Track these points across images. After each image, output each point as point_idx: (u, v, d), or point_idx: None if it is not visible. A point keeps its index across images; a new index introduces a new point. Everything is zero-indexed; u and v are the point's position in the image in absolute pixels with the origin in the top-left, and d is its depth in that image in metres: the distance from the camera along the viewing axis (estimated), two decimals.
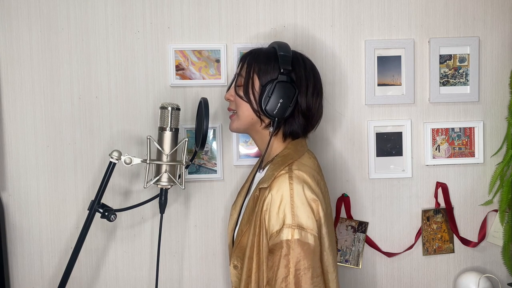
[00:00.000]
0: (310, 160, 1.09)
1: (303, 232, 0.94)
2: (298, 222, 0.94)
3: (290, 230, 0.94)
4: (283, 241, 0.94)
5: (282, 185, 0.97)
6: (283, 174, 1.00)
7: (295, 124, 1.08)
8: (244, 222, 1.06)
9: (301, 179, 0.99)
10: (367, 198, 1.46)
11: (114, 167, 1.18)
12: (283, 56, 1.06)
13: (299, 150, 1.08)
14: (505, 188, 1.44)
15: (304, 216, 0.95)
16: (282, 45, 1.10)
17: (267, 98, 1.04)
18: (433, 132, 1.44)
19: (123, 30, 1.39)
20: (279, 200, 0.96)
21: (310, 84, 1.08)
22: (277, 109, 1.04)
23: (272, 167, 1.04)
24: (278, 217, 0.95)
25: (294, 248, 0.93)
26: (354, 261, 1.45)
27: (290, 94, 1.04)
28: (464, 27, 1.44)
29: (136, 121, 1.40)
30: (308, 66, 1.10)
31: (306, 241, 0.94)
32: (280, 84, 1.04)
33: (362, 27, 1.43)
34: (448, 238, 1.47)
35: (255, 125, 1.10)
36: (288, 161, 1.03)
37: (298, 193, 0.97)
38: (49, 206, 1.40)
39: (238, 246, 1.06)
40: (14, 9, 1.36)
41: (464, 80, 1.45)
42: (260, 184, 1.03)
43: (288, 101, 1.04)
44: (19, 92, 1.38)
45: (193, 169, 1.42)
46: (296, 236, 0.93)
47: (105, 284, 1.43)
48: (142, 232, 1.43)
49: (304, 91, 1.07)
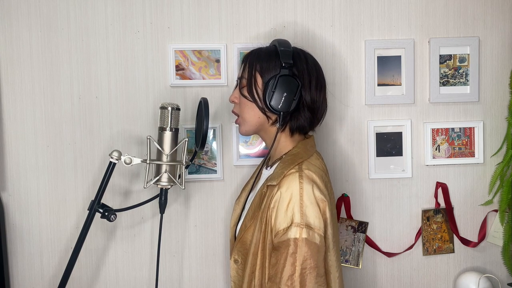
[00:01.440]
0: (318, 161, 1.09)
1: (310, 231, 0.95)
2: (306, 221, 0.95)
3: (299, 229, 0.94)
4: (290, 239, 0.94)
5: (292, 184, 0.98)
6: (293, 173, 1.00)
7: (301, 118, 1.08)
8: (249, 218, 1.06)
9: (310, 179, 1.00)
10: (367, 198, 1.46)
11: (114, 167, 1.18)
12: (284, 51, 1.06)
13: (308, 150, 1.09)
14: (505, 188, 1.44)
15: (312, 216, 0.96)
16: (282, 42, 1.11)
17: (271, 93, 1.04)
18: (433, 132, 1.44)
19: (123, 30, 1.39)
20: (288, 199, 0.97)
21: (313, 77, 1.08)
22: (281, 103, 1.04)
23: (281, 165, 1.05)
24: (287, 215, 0.96)
25: (302, 247, 0.94)
26: (354, 261, 1.45)
27: (293, 87, 1.04)
28: (464, 27, 1.44)
29: (136, 121, 1.40)
30: (309, 60, 1.11)
31: (313, 241, 0.95)
32: (283, 78, 1.04)
33: (362, 27, 1.43)
34: (448, 238, 1.47)
35: (263, 124, 1.10)
36: (298, 160, 1.04)
37: (307, 193, 0.97)
38: (49, 206, 1.40)
39: (241, 241, 1.07)
40: (14, 9, 1.36)
41: (464, 80, 1.45)
42: (268, 181, 1.03)
43: (292, 94, 1.04)
44: (19, 92, 1.38)
45: (193, 169, 1.42)
46: (304, 235, 0.94)
47: (105, 284, 1.43)
48: (142, 232, 1.43)
49: (308, 85, 1.07)
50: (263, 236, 1.00)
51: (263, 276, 0.99)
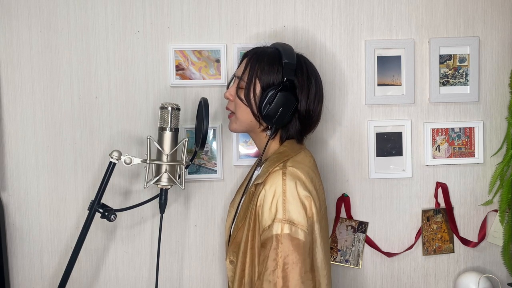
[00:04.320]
0: (306, 158, 1.10)
1: (293, 227, 0.96)
2: (289, 217, 0.96)
3: (281, 224, 0.95)
4: (273, 235, 0.95)
5: (275, 181, 0.99)
6: (277, 170, 1.01)
7: (292, 129, 1.10)
8: (240, 218, 1.07)
9: (294, 176, 1.00)
10: (367, 198, 1.46)
11: (114, 167, 1.18)
12: (288, 64, 1.05)
13: (295, 148, 1.10)
14: (505, 188, 1.44)
15: (295, 212, 0.97)
16: (287, 50, 1.09)
17: (268, 105, 1.05)
18: (433, 132, 1.44)
19: (123, 30, 1.39)
20: (272, 195, 0.98)
21: (311, 91, 1.09)
22: (276, 117, 1.05)
23: (267, 163, 1.06)
24: (271, 212, 0.97)
25: (283, 242, 0.94)
26: (354, 261, 1.45)
27: (290, 104, 1.05)
28: (464, 27, 1.44)
29: (136, 121, 1.40)
30: (310, 72, 1.11)
31: (296, 236, 0.95)
32: (282, 94, 1.04)
33: (362, 27, 1.43)
34: (448, 238, 1.47)
35: (254, 127, 1.12)
36: (283, 158, 1.05)
37: (290, 189, 0.98)
38: (49, 206, 1.40)
39: (234, 241, 1.08)
40: (14, 9, 1.36)
41: (464, 80, 1.45)
42: (255, 180, 1.05)
43: (288, 110, 1.05)
44: (19, 92, 1.38)
45: (193, 169, 1.42)
46: (286, 230, 0.95)
47: (105, 284, 1.43)
48: (142, 232, 1.43)
49: (305, 98, 1.08)
50: (251, 234, 1.01)
51: (253, 273, 1.00)
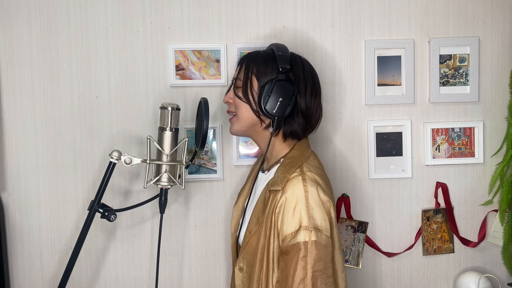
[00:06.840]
0: (316, 161, 1.10)
1: (319, 233, 0.96)
2: (314, 223, 0.96)
3: (307, 232, 0.95)
4: (300, 243, 0.94)
5: (297, 187, 0.99)
6: (296, 177, 1.01)
7: (294, 124, 1.08)
8: (253, 224, 1.06)
9: (314, 181, 1.00)
10: (367, 198, 1.46)
11: (114, 167, 1.18)
12: (281, 56, 1.06)
13: (305, 151, 1.10)
14: (505, 188, 1.44)
15: (319, 218, 0.97)
16: (280, 46, 1.11)
17: (267, 97, 1.04)
18: (433, 132, 1.44)
19: (123, 30, 1.39)
20: (294, 202, 0.97)
21: (309, 84, 1.09)
22: (276, 107, 1.04)
23: (282, 168, 1.05)
24: (294, 219, 0.96)
25: (312, 249, 0.94)
26: (354, 261, 1.45)
27: (289, 93, 1.05)
28: (464, 27, 1.44)
29: (136, 121, 1.40)
30: (306, 67, 1.11)
31: (322, 243, 0.96)
32: (279, 83, 1.04)
33: (362, 27, 1.43)
34: (448, 238, 1.47)
35: (256, 126, 1.10)
36: (298, 163, 1.04)
37: (312, 195, 0.98)
38: (49, 206, 1.40)
39: (246, 248, 1.06)
40: (14, 9, 1.36)
41: (464, 80, 1.45)
42: (271, 186, 1.03)
43: (287, 100, 1.05)
44: (19, 92, 1.38)
45: (193, 169, 1.42)
46: (313, 237, 0.95)
47: (105, 284, 1.43)
48: (142, 232, 1.43)
49: (303, 91, 1.07)
50: (267, 241, 1.00)
51: (268, 281, 0.99)
